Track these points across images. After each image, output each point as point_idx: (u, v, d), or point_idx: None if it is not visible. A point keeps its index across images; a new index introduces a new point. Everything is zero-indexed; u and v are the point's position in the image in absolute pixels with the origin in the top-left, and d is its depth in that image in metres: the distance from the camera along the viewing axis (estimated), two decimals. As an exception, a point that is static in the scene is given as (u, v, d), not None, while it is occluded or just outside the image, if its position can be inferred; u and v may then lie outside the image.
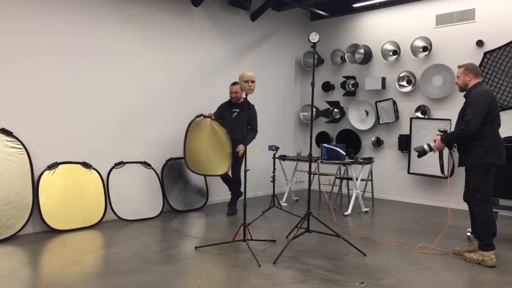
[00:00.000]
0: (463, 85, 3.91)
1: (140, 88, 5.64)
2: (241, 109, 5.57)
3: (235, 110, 5.66)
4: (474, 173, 3.76)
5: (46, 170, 4.69)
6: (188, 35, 6.16)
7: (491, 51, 5.87)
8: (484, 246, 3.72)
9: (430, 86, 6.43)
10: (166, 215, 5.58)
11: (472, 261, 3.77)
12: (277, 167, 6.28)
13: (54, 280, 3.25)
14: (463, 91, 3.95)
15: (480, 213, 3.74)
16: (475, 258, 3.77)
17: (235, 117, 5.62)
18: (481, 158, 3.69)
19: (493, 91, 3.91)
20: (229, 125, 5.53)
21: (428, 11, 6.55)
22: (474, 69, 3.87)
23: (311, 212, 4.15)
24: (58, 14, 4.81)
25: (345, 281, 3.29)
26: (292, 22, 7.79)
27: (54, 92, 4.82)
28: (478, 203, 3.75)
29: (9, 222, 4.31)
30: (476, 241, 3.92)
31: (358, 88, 7.33)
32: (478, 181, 3.74)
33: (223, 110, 5.70)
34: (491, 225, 3.73)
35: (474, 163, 3.73)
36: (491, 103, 3.69)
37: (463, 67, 3.90)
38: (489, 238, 3.71)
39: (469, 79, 3.86)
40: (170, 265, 3.63)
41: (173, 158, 5.91)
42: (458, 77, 3.94)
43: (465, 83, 3.89)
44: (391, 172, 6.96)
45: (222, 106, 5.74)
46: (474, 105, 3.65)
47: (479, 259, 3.73)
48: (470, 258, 3.80)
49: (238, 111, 5.63)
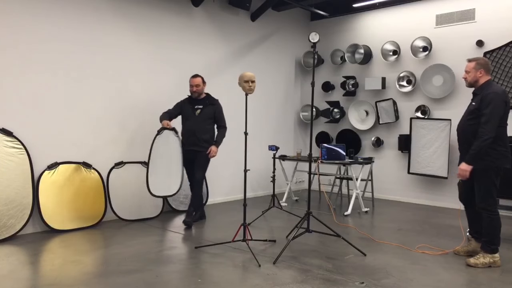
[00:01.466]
0: (473, 81, 3.69)
1: (140, 88, 5.64)
2: (204, 105, 5.04)
3: (197, 107, 5.03)
4: (486, 177, 3.59)
5: (46, 170, 4.69)
6: (188, 35, 6.16)
7: (491, 51, 5.87)
8: (495, 249, 3.66)
9: (430, 86, 6.43)
10: (166, 215, 5.58)
11: (484, 266, 3.64)
12: (277, 167, 6.28)
13: (54, 280, 3.25)
14: (472, 87, 3.75)
15: (494, 219, 3.61)
16: (487, 262, 3.64)
17: (199, 114, 4.99)
18: (493, 161, 3.55)
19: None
20: (193, 124, 4.99)
21: (428, 11, 6.55)
22: (486, 64, 3.66)
23: (311, 212, 4.14)
24: (58, 15, 4.81)
25: (345, 281, 3.28)
26: (292, 22, 7.79)
27: (54, 92, 4.81)
28: (492, 208, 3.62)
29: (9, 222, 4.32)
30: (474, 241, 3.90)
31: (358, 88, 7.33)
32: (490, 185, 3.60)
33: (184, 108, 5.07)
34: (499, 228, 3.67)
35: (485, 166, 3.57)
36: (507, 104, 3.53)
37: (475, 61, 3.67)
38: (498, 241, 3.68)
39: (480, 75, 3.65)
40: (170, 265, 3.62)
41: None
42: (468, 71, 3.70)
43: (476, 79, 3.67)
44: (391, 172, 6.96)
45: (182, 104, 5.12)
46: (493, 106, 3.46)
47: (490, 262, 3.65)
48: (482, 264, 3.64)
49: (201, 107, 5.03)
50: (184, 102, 5.14)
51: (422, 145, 6.38)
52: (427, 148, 6.31)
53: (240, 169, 6.36)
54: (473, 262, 3.69)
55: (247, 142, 4.17)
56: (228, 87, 6.47)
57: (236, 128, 6.23)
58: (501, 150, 3.57)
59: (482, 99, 3.58)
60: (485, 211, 3.65)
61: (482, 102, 3.56)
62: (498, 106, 3.49)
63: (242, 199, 4.26)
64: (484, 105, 3.53)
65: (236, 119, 6.33)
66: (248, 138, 4.24)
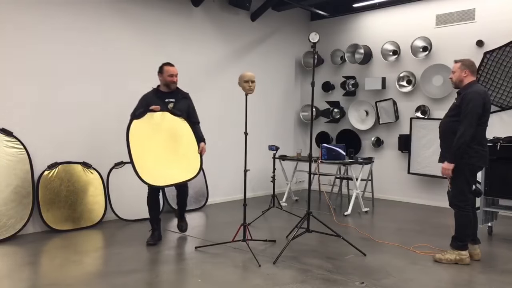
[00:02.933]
0: (458, 81, 3.77)
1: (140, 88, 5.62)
2: (176, 98, 4.38)
3: (169, 100, 4.35)
4: (460, 175, 3.66)
5: (46, 170, 4.69)
6: (188, 35, 6.16)
7: (491, 51, 5.87)
8: (463, 246, 3.71)
9: (430, 86, 6.43)
10: (166, 215, 5.57)
11: (449, 262, 3.70)
12: (277, 167, 6.28)
13: (54, 280, 3.25)
14: (457, 88, 3.83)
15: (463, 215, 3.69)
16: (452, 258, 3.70)
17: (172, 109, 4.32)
18: (469, 159, 3.62)
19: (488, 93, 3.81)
20: None
21: (428, 11, 6.55)
22: (471, 65, 3.75)
23: (311, 212, 4.14)
24: (57, 15, 4.81)
25: (345, 281, 3.29)
26: (292, 22, 7.79)
27: (54, 92, 4.81)
28: (462, 204, 3.69)
29: (9, 222, 4.31)
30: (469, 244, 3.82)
31: (358, 88, 7.33)
32: (463, 183, 3.68)
33: (151, 103, 4.23)
34: (470, 226, 3.72)
35: (460, 164, 3.63)
36: (486, 104, 3.62)
37: (460, 62, 3.76)
38: (468, 239, 3.72)
39: (465, 75, 3.73)
40: (170, 265, 3.63)
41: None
42: (454, 72, 3.80)
43: (461, 79, 3.75)
44: (391, 172, 6.96)
45: (149, 97, 4.33)
46: (473, 105, 3.55)
47: (456, 259, 3.69)
48: (446, 260, 3.71)
49: (173, 101, 4.35)
50: (149, 96, 4.36)
51: (422, 145, 6.38)
52: (427, 148, 6.31)
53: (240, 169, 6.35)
54: (438, 257, 3.76)
55: (247, 142, 4.17)
56: (228, 87, 6.47)
57: (236, 128, 6.22)
58: (477, 149, 3.62)
59: (463, 97, 3.65)
60: (456, 207, 3.73)
61: (462, 100, 3.64)
62: (477, 105, 3.55)
63: (242, 199, 4.26)
64: (464, 103, 3.60)
65: (236, 119, 6.33)
66: (248, 138, 4.23)
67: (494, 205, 4.67)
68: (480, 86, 3.77)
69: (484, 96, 3.62)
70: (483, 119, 3.63)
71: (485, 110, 3.62)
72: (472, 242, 3.84)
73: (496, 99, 5.82)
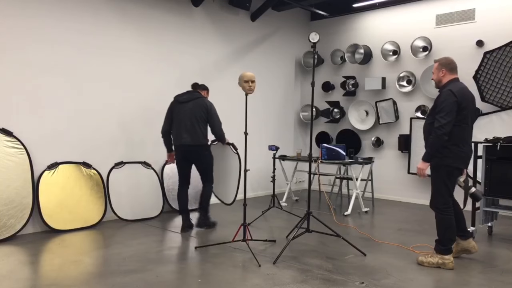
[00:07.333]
0: (437, 81, 3.67)
1: (140, 88, 5.64)
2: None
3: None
4: (436, 175, 3.59)
5: (46, 170, 4.69)
6: (188, 35, 6.16)
7: (491, 51, 5.87)
8: (446, 250, 3.60)
9: (430, 86, 6.42)
10: (166, 215, 5.58)
11: (431, 265, 3.62)
12: (277, 167, 6.28)
13: (54, 280, 3.25)
14: (438, 87, 3.70)
15: (444, 218, 3.59)
16: (434, 262, 3.62)
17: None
18: (442, 159, 3.52)
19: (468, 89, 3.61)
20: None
21: (428, 11, 6.55)
22: (448, 64, 3.61)
23: (311, 212, 4.14)
24: (58, 15, 4.81)
25: (345, 281, 3.28)
26: (292, 22, 7.79)
27: (54, 92, 4.81)
28: (442, 207, 3.59)
29: (9, 222, 4.32)
30: (460, 239, 3.80)
31: (358, 88, 7.33)
32: (440, 184, 3.58)
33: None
34: (453, 229, 3.62)
35: (435, 164, 3.57)
36: (461, 102, 3.46)
37: (438, 62, 3.65)
38: (450, 243, 3.63)
39: (442, 74, 3.62)
40: (170, 265, 3.62)
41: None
42: (433, 72, 3.70)
43: (439, 79, 3.64)
44: (391, 172, 6.96)
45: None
46: (446, 104, 3.43)
47: (439, 263, 3.60)
48: (428, 263, 3.63)
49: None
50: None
51: (422, 145, 6.32)
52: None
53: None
54: (420, 260, 3.69)
55: (247, 142, 4.18)
56: (228, 87, 6.48)
57: (236, 128, 6.22)
58: (453, 149, 3.51)
59: (439, 96, 3.58)
60: (436, 209, 3.65)
61: (438, 99, 3.57)
62: (451, 103, 3.43)
63: (242, 199, 4.26)
64: (439, 102, 3.52)
65: (236, 119, 6.33)
66: (248, 138, 4.23)
67: (494, 205, 4.66)
68: (459, 83, 3.61)
69: (461, 94, 3.47)
70: (459, 118, 3.47)
71: (462, 108, 3.46)
72: (463, 238, 3.79)
73: (496, 99, 5.81)
